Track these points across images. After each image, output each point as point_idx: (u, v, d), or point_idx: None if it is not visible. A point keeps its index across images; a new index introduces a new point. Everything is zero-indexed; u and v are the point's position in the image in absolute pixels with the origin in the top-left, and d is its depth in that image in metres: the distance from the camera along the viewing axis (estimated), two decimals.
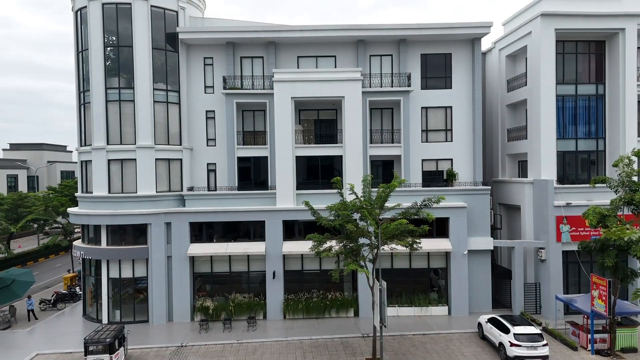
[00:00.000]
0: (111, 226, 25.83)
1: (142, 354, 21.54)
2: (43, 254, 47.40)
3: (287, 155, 26.19)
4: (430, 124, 28.24)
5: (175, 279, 25.80)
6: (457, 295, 25.96)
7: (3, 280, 26.74)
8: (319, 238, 20.56)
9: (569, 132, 27.14)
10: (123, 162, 25.83)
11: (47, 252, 48.06)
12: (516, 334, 19.75)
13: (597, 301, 20.19)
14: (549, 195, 25.25)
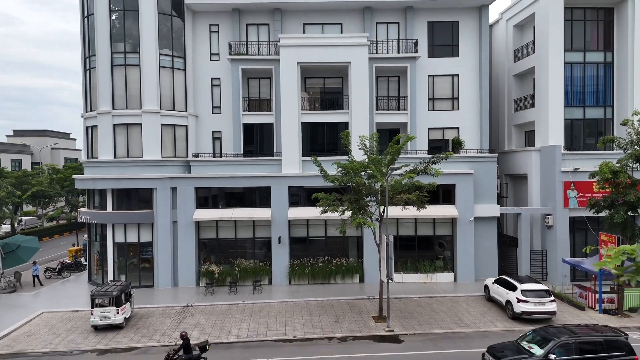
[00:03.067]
0: (117, 191, 25.80)
1: (148, 312, 21.53)
2: (48, 233, 47.49)
3: (293, 121, 26.09)
4: (437, 92, 28.09)
5: (181, 245, 25.76)
6: (463, 262, 25.85)
7: (8, 246, 26.77)
8: (325, 196, 20.48)
9: (576, 99, 26.96)
10: (129, 127, 25.78)
11: (51, 232, 48.20)
12: (523, 290, 19.66)
13: (605, 259, 20.01)
14: (556, 161, 25.10)
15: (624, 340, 13.81)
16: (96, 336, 18.59)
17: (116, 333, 18.80)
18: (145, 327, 19.46)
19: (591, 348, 13.49)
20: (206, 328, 19.23)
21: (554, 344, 13.46)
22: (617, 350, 13.47)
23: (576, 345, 13.48)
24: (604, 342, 13.62)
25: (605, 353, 13.41)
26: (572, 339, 13.62)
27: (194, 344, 15.77)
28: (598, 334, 14.06)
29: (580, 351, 13.40)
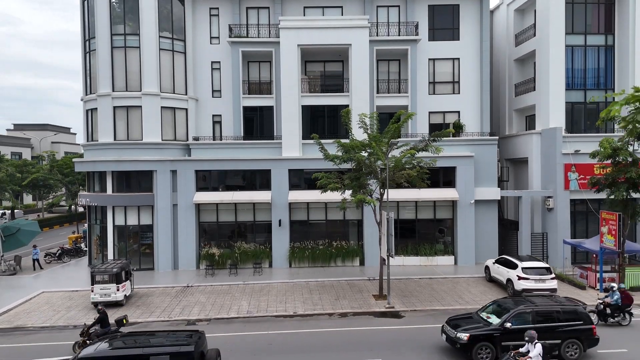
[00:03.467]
0: (117, 173, 25.77)
1: (148, 292, 21.50)
2: (48, 223, 47.44)
3: (293, 103, 26.03)
4: (438, 76, 28.04)
5: (181, 228, 25.71)
6: (464, 245, 25.82)
7: (9, 229, 26.75)
8: (326, 175, 20.43)
9: (577, 83, 26.90)
10: (129, 109, 25.74)
11: (51, 222, 48.22)
12: (524, 267, 19.64)
13: (606, 237, 20.02)
14: (557, 143, 25.05)
15: (582, 310, 13.87)
16: (96, 313, 18.54)
17: (116, 310, 18.73)
18: (145, 305, 19.44)
19: (548, 317, 13.53)
20: (206, 305, 19.20)
21: (510, 314, 13.55)
22: (574, 320, 13.54)
23: (533, 315, 13.51)
24: (562, 312, 13.67)
25: (562, 322, 13.48)
26: (529, 309, 13.69)
27: (117, 318, 15.05)
28: (556, 304, 14.12)
29: (536, 320, 13.42)
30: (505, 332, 13.21)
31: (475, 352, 13.14)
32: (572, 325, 13.47)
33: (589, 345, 13.63)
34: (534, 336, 11.68)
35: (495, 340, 13.26)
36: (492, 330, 13.35)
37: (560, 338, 13.38)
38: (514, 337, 13.18)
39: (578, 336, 13.46)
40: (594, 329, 13.63)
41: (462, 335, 13.31)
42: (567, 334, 13.39)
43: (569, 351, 13.39)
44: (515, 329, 13.21)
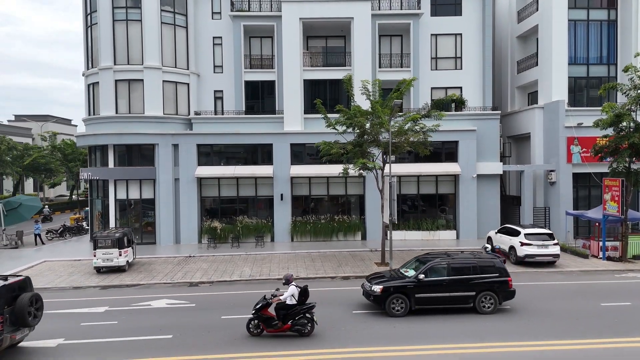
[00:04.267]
0: (118, 147, 25.75)
1: (150, 261, 21.51)
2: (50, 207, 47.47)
3: (295, 77, 25.98)
4: (440, 52, 27.96)
5: (183, 202, 25.69)
6: (466, 219, 25.78)
7: (10, 203, 26.72)
8: (327, 142, 20.38)
9: (580, 57, 26.81)
10: (130, 83, 25.69)
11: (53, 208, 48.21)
12: (527, 233, 19.59)
13: (609, 204, 19.97)
14: (559, 116, 24.99)
15: (498, 264, 13.86)
16: (98, 277, 18.56)
17: (119, 275, 18.77)
18: (147, 271, 19.43)
19: (463, 270, 13.57)
20: (209, 271, 19.19)
21: (424, 267, 13.65)
22: (490, 272, 13.56)
23: (448, 267, 13.56)
24: (478, 265, 13.70)
25: (478, 274, 13.52)
26: (445, 262, 13.76)
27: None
28: (474, 258, 14.17)
29: (452, 273, 13.46)
30: (419, 285, 13.24)
31: (388, 303, 13.14)
32: (488, 278, 13.48)
33: (505, 297, 13.67)
34: (288, 277, 11.96)
35: (409, 292, 13.24)
36: (406, 282, 13.39)
37: (474, 290, 13.41)
38: (428, 289, 13.28)
39: (493, 288, 13.46)
40: (509, 281, 13.63)
41: (376, 287, 13.32)
42: (482, 286, 13.41)
43: (483, 303, 13.40)
44: (429, 281, 13.32)
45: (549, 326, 12.38)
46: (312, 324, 11.73)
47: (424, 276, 13.31)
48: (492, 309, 13.44)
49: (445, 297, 13.33)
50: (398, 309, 13.18)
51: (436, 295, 13.27)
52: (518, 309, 13.91)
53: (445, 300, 13.37)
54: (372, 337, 11.60)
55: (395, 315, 13.10)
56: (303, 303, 11.85)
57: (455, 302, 13.43)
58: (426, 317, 13.14)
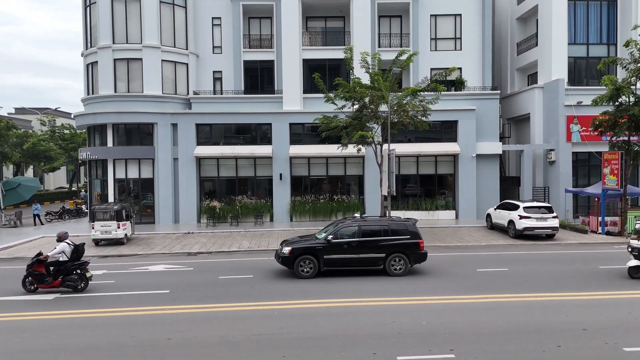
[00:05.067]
0: (117, 127, 25.73)
1: (149, 237, 21.50)
2: (49, 197, 47.52)
3: (294, 56, 25.94)
4: (440, 32, 27.90)
5: (182, 181, 25.66)
6: (465, 199, 25.73)
7: (9, 183, 26.79)
8: (327, 116, 20.35)
9: (580, 37, 26.75)
10: (129, 62, 25.65)
11: (52, 198, 48.25)
12: (526, 207, 19.56)
13: (608, 177, 19.92)
14: (559, 95, 24.93)
15: (411, 227, 13.84)
16: (97, 248, 18.58)
17: (117, 247, 18.77)
18: (146, 244, 19.42)
19: (374, 232, 13.61)
20: (207, 244, 19.19)
21: (335, 228, 13.76)
22: (401, 234, 13.59)
23: (359, 230, 13.57)
24: (389, 228, 13.72)
25: (389, 236, 13.54)
26: (355, 224, 13.81)
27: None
28: (388, 221, 14.26)
29: (362, 235, 13.48)
30: (328, 246, 13.25)
31: (296, 264, 13.13)
32: (398, 240, 13.49)
33: (416, 260, 13.68)
34: (61, 235, 12.29)
35: (318, 253, 13.26)
36: (315, 244, 13.45)
37: (384, 252, 13.44)
38: (337, 250, 13.31)
39: (404, 250, 13.48)
40: (420, 243, 13.64)
41: (285, 249, 13.36)
42: (392, 248, 13.44)
43: (394, 265, 13.41)
44: (338, 242, 13.35)
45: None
46: (85, 280, 11.94)
47: (333, 237, 13.34)
48: (403, 270, 13.43)
49: (354, 258, 13.35)
50: (306, 270, 13.15)
51: (345, 257, 13.28)
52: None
53: (355, 262, 13.38)
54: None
55: (303, 277, 13.05)
56: (76, 259, 12.03)
57: (365, 264, 13.42)
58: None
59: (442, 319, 9.28)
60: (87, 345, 8.16)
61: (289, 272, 13.57)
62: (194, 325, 9.23)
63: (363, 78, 20.35)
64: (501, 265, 14.70)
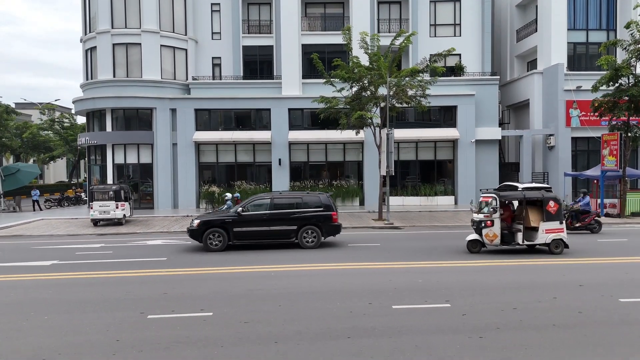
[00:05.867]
0: (116, 112, 25.73)
1: (147, 219, 21.50)
2: (48, 189, 47.48)
3: (293, 42, 25.91)
4: (439, 19, 27.85)
5: (181, 167, 25.65)
6: (464, 185, 25.70)
7: (8, 169, 26.78)
8: (326, 97, 20.32)
9: (579, 23, 26.69)
10: (128, 47, 25.64)
11: (52, 189, 48.23)
12: (524, 187, 19.45)
13: (607, 159, 19.89)
14: (559, 79, 24.88)
15: (324, 199, 13.83)
16: (95, 228, 18.57)
17: (116, 226, 18.78)
18: (144, 225, 19.42)
19: (287, 205, 13.66)
20: None
21: (246, 202, 13.85)
22: (314, 207, 13.57)
23: (271, 203, 13.57)
24: (302, 201, 13.76)
25: (301, 209, 13.53)
26: (268, 197, 13.91)
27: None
28: (302, 194, 14.41)
29: (273, 207, 13.47)
30: (238, 219, 13.20)
31: (205, 237, 13.05)
32: (310, 212, 13.48)
33: (329, 232, 13.71)
34: None
35: (228, 226, 13.19)
36: (225, 216, 13.46)
37: (296, 224, 13.41)
38: (248, 223, 13.27)
39: (316, 223, 13.45)
40: (333, 215, 13.65)
41: (194, 222, 13.34)
42: (303, 220, 13.42)
43: (306, 237, 13.38)
44: (249, 215, 13.33)
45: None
46: None
47: (242, 210, 13.32)
48: (315, 243, 13.41)
49: (265, 231, 13.29)
50: (216, 243, 13.05)
51: (256, 230, 13.23)
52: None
53: (266, 235, 13.34)
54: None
55: (213, 250, 12.96)
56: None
57: (276, 236, 13.39)
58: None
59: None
60: (81, 299, 8.16)
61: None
62: (189, 282, 9.26)
63: (362, 59, 20.31)
64: None
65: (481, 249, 12.42)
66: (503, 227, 12.36)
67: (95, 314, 7.27)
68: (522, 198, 12.32)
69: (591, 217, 16.40)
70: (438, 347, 5.71)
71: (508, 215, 12.90)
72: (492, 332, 6.22)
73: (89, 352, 5.78)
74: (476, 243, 12.43)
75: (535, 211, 12.36)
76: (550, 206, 12.00)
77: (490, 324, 6.55)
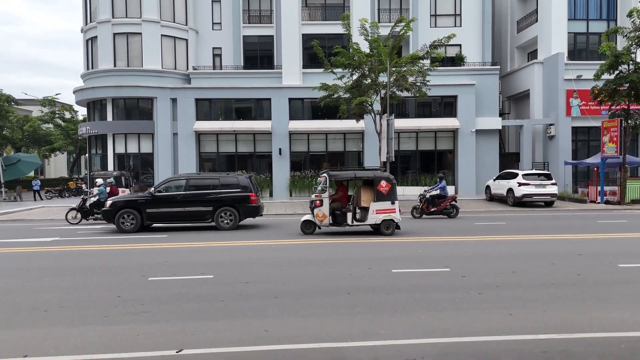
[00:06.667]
0: (117, 102, 25.76)
1: None
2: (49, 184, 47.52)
3: (293, 31, 25.94)
4: (439, 9, 27.85)
5: (182, 157, 25.67)
6: (464, 175, 25.69)
7: (9, 159, 26.86)
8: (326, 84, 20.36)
9: (580, 13, 26.70)
10: (128, 36, 25.67)
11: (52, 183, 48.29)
12: (525, 174, 19.57)
13: (607, 145, 19.90)
14: (559, 69, 24.88)
15: (242, 180, 13.73)
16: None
17: None
18: None
19: (202, 186, 13.50)
20: None
21: (160, 183, 13.82)
22: (232, 188, 13.40)
23: (187, 184, 13.41)
24: (219, 182, 13.61)
25: (219, 190, 13.38)
26: (184, 178, 13.85)
27: None
28: (218, 174, 14.47)
29: (190, 188, 13.33)
30: (152, 200, 13.07)
31: (117, 218, 12.89)
32: (227, 194, 13.29)
33: (246, 214, 13.58)
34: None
35: (141, 207, 13.04)
36: (138, 197, 13.42)
37: (212, 205, 13.23)
38: (162, 204, 13.11)
39: (233, 204, 13.21)
40: (251, 196, 13.52)
41: (107, 202, 13.27)
42: (220, 202, 13.25)
43: (222, 219, 13.23)
44: (163, 196, 13.23)
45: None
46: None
47: (157, 190, 13.26)
48: (232, 224, 13.25)
49: (179, 212, 13.12)
50: (128, 224, 12.88)
51: (170, 211, 13.07)
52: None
53: (180, 216, 13.17)
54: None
55: (125, 231, 12.80)
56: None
57: (191, 218, 13.21)
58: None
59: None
60: (82, 265, 8.21)
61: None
62: (188, 254, 9.28)
63: (362, 46, 20.32)
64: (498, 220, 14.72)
65: (315, 230, 12.02)
66: (337, 207, 12.00)
67: (98, 277, 7.31)
68: (353, 177, 12.05)
69: (447, 201, 16.18)
70: None
71: (343, 195, 12.47)
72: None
73: (90, 305, 5.82)
74: (310, 224, 12.01)
75: (369, 191, 12.01)
76: (381, 186, 11.67)
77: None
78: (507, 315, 5.28)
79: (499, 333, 4.73)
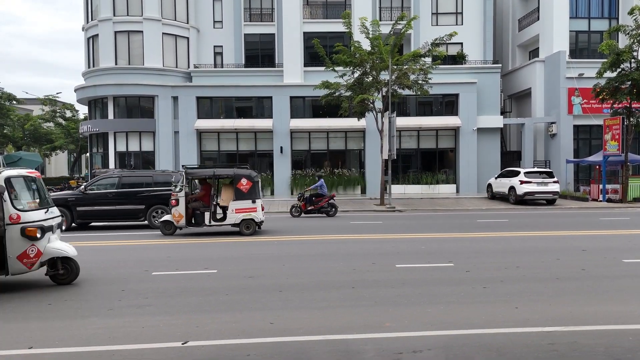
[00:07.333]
0: (118, 100, 25.76)
1: None
2: (50, 183, 47.55)
3: (295, 29, 25.93)
4: (441, 7, 27.82)
5: (183, 155, 25.63)
6: (466, 173, 25.68)
7: (10, 157, 26.77)
8: (327, 81, 20.35)
9: (581, 11, 26.67)
10: (130, 34, 25.65)
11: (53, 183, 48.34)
12: (527, 172, 19.56)
13: (609, 143, 19.88)
14: (561, 67, 24.85)
15: (177, 177, 13.34)
16: None
17: None
18: None
19: (135, 184, 13.40)
20: None
21: (92, 180, 13.76)
22: (166, 186, 13.17)
23: (119, 182, 13.32)
24: (153, 180, 13.54)
25: (150, 187, 13.33)
26: (116, 175, 13.78)
27: None
28: (153, 172, 14.43)
29: (122, 186, 13.21)
30: (82, 198, 12.92)
31: None
32: (162, 192, 13.07)
33: None
34: None
35: (71, 205, 12.86)
36: (68, 195, 13.30)
37: (144, 204, 13.07)
38: (92, 202, 12.97)
39: (166, 203, 12.79)
40: None
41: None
42: (154, 199, 13.13)
43: (155, 217, 13.06)
44: (94, 194, 13.08)
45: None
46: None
47: (84, 188, 13.15)
48: None
49: (111, 210, 12.94)
50: None
51: (101, 209, 12.88)
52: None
53: (112, 214, 13.01)
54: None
55: None
56: None
57: (123, 216, 13.03)
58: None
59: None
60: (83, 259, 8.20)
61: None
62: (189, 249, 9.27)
63: (363, 44, 20.31)
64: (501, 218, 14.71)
65: (176, 231, 11.64)
66: (198, 206, 11.67)
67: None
68: (212, 175, 11.61)
69: (324, 200, 16.12)
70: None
71: (205, 194, 11.88)
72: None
73: (94, 298, 5.80)
74: (169, 224, 11.56)
75: (230, 190, 11.68)
76: (242, 184, 11.32)
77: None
78: (512, 309, 5.27)
79: (505, 326, 4.72)
